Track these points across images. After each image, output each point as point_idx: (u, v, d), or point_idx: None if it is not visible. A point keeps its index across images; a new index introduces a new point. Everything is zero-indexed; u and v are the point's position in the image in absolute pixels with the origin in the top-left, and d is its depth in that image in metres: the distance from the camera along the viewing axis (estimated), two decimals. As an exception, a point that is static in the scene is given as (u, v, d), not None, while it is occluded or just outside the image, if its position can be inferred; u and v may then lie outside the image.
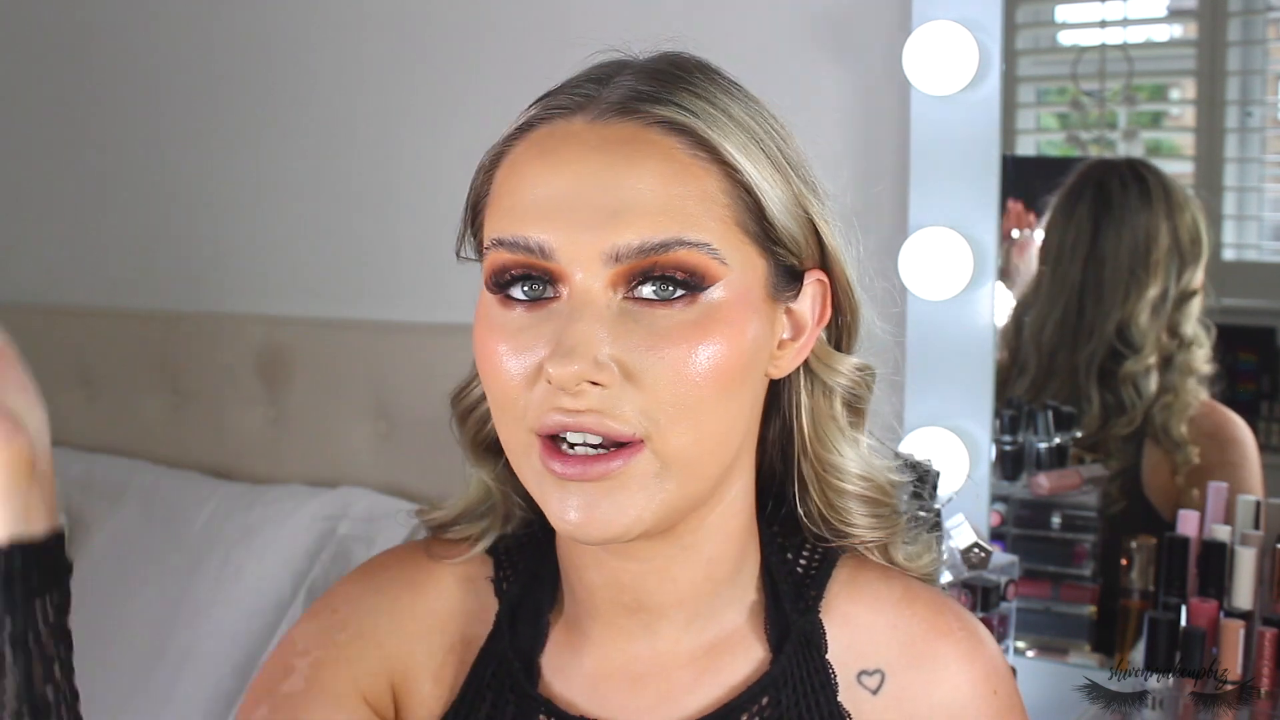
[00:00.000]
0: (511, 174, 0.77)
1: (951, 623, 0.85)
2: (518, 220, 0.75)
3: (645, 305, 0.74)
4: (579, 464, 0.73)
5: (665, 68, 0.80)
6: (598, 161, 0.74)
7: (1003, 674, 0.85)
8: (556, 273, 0.74)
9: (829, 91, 1.63)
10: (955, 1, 1.46)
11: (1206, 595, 1.33)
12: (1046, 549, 1.57)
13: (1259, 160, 1.50)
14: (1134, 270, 1.50)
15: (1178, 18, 1.58)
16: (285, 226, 2.09)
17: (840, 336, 0.87)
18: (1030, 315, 1.56)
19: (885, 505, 0.86)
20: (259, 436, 2.04)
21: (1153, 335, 1.50)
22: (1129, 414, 1.51)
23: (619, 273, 0.73)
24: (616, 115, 0.76)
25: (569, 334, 0.72)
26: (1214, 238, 1.51)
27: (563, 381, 0.71)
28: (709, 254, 0.74)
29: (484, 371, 0.77)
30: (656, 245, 0.73)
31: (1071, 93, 1.55)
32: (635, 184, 0.74)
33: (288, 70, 2.07)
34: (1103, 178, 1.52)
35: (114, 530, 1.96)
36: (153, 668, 1.77)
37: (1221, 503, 1.39)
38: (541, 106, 0.79)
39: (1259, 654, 1.29)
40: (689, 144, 0.76)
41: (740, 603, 0.85)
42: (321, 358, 1.97)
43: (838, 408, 0.86)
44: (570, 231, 0.73)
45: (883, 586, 0.86)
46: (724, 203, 0.76)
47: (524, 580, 0.89)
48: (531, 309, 0.75)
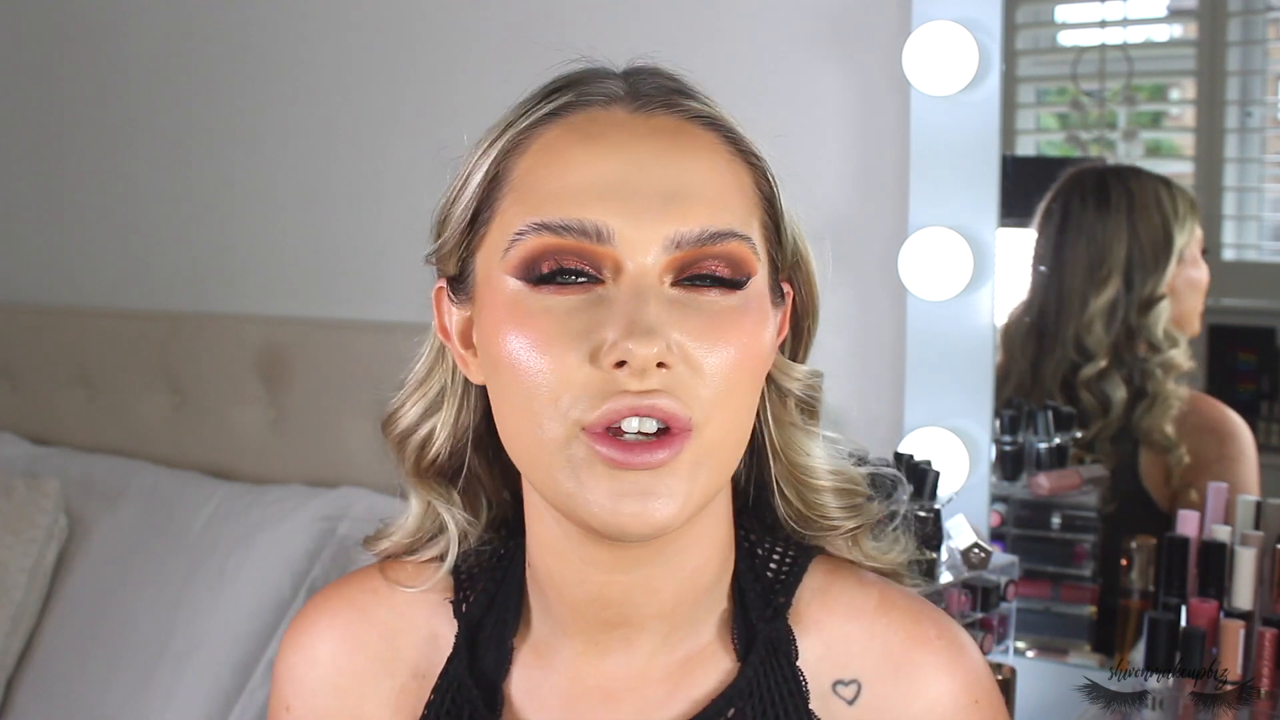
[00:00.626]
0: (549, 158, 0.75)
1: (929, 631, 0.82)
2: (569, 203, 0.73)
3: (695, 292, 0.73)
4: (643, 450, 0.71)
5: (667, 72, 0.80)
6: (650, 148, 0.74)
7: (985, 683, 0.83)
8: (609, 259, 0.72)
9: (829, 91, 1.63)
10: (955, 1, 1.46)
11: (1206, 595, 1.33)
12: (1046, 549, 1.57)
13: (1259, 160, 1.50)
14: (1086, 282, 1.51)
15: (1178, 18, 1.58)
16: (285, 226, 2.09)
17: (799, 345, 0.86)
18: (1016, 321, 1.57)
19: (857, 495, 0.85)
20: (259, 436, 2.04)
21: (1107, 343, 1.50)
22: (1101, 419, 1.52)
23: (675, 259, 0.73)
24: (659, 106, 0.76)
25: (643, 314, 0.70)
26: (1214, 238, 1.51)
27: (645, 361, 0.70)
28: (751, 248, 0.75)
29: (521, 365, 0.73)
30: (715, 234, 0.73)
31: (1071, 93, 1.55)
32: (688, 172, 0.74)
33: (287, 71, 2.07)
34: (1070, 190, 1.53)
35: (114, 530, 1.96)
36: (153, 668, 1.77)
37: (1221, 503, 1.39)
38: (575, 94, 0.77)
39: (1259, 654, 1.28)
40: (727, 141, 0.77)
41: (713, 613, 0.83)
42: (321, 358, 1.97)
43: (794, 412, 0.85)
44: (630, 216, 0.72)
45: (859, 593, 0.84)
46: (755, 200, 0.77)
47: (484, 602, 0.86)
48: (575, 292, 0.73)
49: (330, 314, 2.03)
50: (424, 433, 0.86)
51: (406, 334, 0.91)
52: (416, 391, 0.88)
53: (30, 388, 2.29)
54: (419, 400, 0.87)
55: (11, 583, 1.90)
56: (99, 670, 1.83)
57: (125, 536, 1.94)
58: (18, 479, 1.98)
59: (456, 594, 0.87)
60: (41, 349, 2.27)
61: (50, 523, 1.95)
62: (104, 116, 2.26)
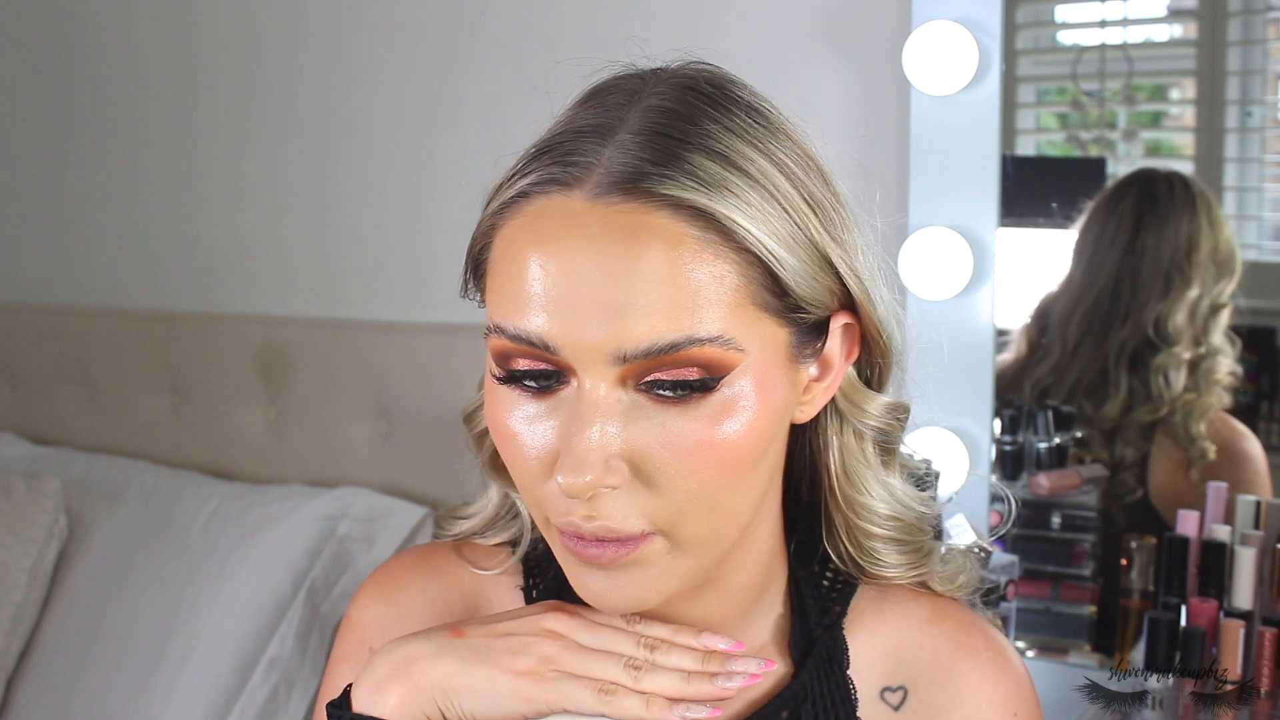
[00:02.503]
0: (509, 253, 0.72)
1: (979, 641, 0.84)
2: (519, 311, 0.71)
3: (658, 402, 0.70)
4: (598, 546, 0.72)
5: (676, 119, 0.72)
6: (600, 251, 0.69)
7: (1026, 697, 0.85)
8: (564, 365, 0.71)
9: (829, 91, 1.63)
10: (955, 1, 1.46)
11: (1206, 595, 1.33)
12: (1046, 549, 1.57)
13: (1259, 160, 1.50)
14: (1173, 268, 1.52)
15: (1178, 18, 1.58)
16: (285, 226, 2.09)
17: (871, 375, 0.83)
18: (1057, 307, 1.58)
19: (915, 544, 0.84)
20: (259, 436, 2.04)
21: (1188, 334, 1.51)
22: (1154, 403, 1.52)
23: (627, 371, 0.70)
24: (620, 195, 0.69)
25: (577, 442, 0.70)
26: (1214, 238, 1.52)
27: (574, 492, 0.70)
28: (722, 346, 0.69)
29: (501, 449, 0.76)
30: (665, 346, 0.68)
31: (1071, 93, 1.55)
32: (640, 280, 0.68)
33: (287, 71, 2.07)
34: (1148, 180, 1.54)
35: (114, 530, 1.96)
36: (153, 667, 1.77)
37: (1221, 503, 1.39)
38: (537, 175, 0.72)
39: (1259, 654, 1.28)
40: (700, 226, 0.69)
41: (767, 618, 0.85)
42: (321, 358, 1.97)
43: (868, 449, 0.83)
44: (573, 330, 0.69)
45: (911, 604, 0.86)
46: (737, 284, 0.70)
47: (554, 589, 0.87)
48: (540, 397, 0.73)
49: (331, 314, 2.03)
50: None
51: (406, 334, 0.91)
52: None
53: (30, 388, 2.29)
54: None
55: (11, 583, 1.89)
56: (99, 670, 1.83)
57: (125, 536, 1.94)
58: (18, 479, 1.98)
59: (526, 580, 0.89)
60: (42, 349, 2.27)
61: (50, 523, 1.95)
62: (104, 116, 2.26)
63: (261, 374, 2.02)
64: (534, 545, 0.89)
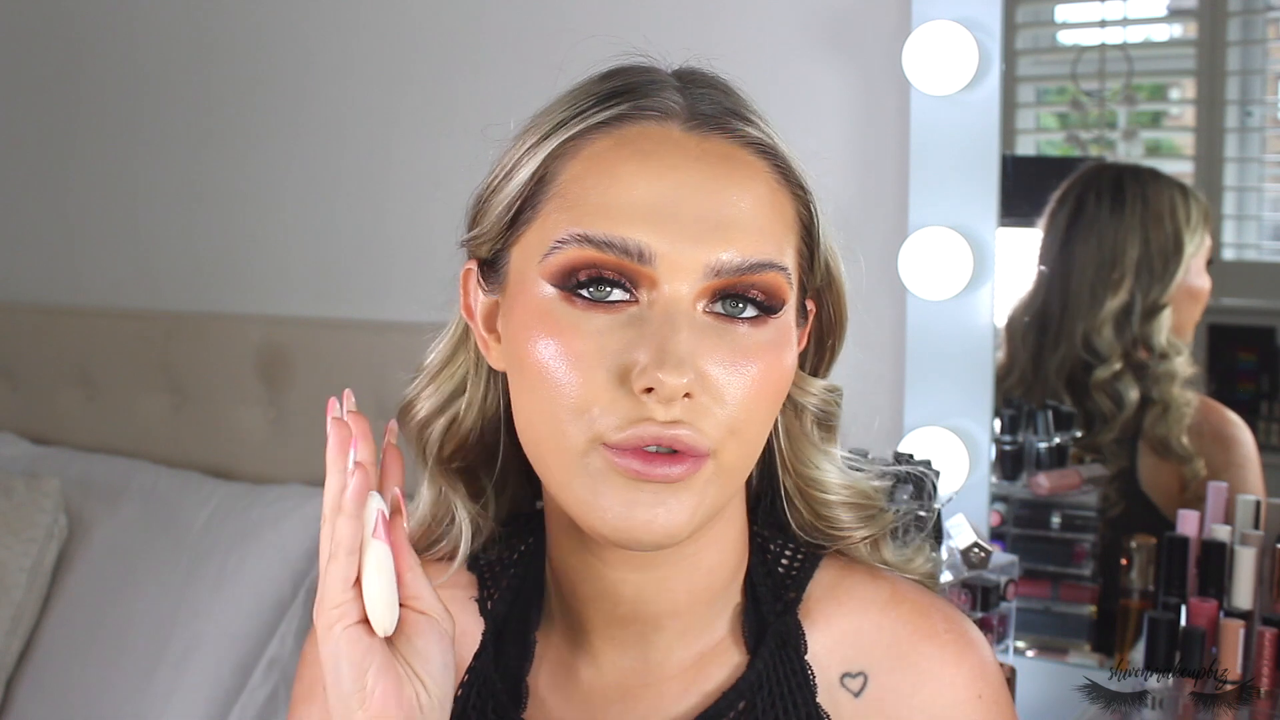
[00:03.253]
0: (598, 169, 0.75)
1: (938, 624, 0.83)
2: (614, 219, 0.73)
3: (725, 321, 0.74)
4: (663, 462, 0.72)
5: (728, 88, 0.80)
6: (701, 172, 0.74)
7: (991, 678, 0.82)
8: (646, 278, 0.73)
9: (829, 91, 1.63)
10: (955, 1, 1.46)
11: (1206, 595, 1.33)
12: (1046, 549, 1.57)
13: (1259, 160, 1.50)
14: (1096, 282, 1.50)
15: (1178, 18, 1.58)
16: (285, 226, 2.09)
17: (823, 358, 0.87)
18: (1018, 316, 1.56)
19: (871, 507, 0.86)
20: (259, 436, 2.04)
21: (1120, 346, 1.50)
22: (1111, 422, 1.52)
23: (712, 286, 0.73)
24: (713, 128, 0.76)
25: (675, 343, 0.71)
26: (1214, 238, 1.51)
27: (673, 392, 0.70)
28: (786, 278, 0.76)
29: (545, 373, 0.73)
30: (755, 265, 0.74)
31: (1071, 92, 1.55)
32: (738, 201, 0.74)
33: (287, 70, 2.07)
34: (1085, 187, 1.52)
35: (114, 530, 1.96)
36: (153, 667, 1.77)
37: (1221, 503, 1.39)
38: (630, 105, 0.77)
39: (1259, 654, 1.28)
40: (775, 170, 0.77)
41: (727, 608, 0.84)
42: (322, 358, 1.97)
43: (809, 426, 0.86)
44: (674, 240, 0.72)
45: (869, 588, 0.85)
46: (795, 229, 0.78)
47: (509, 598, 0.87)
48: (607, 310, 0.73)
49: (331, 314, 2.03)
50: (446, 419, 0.86)
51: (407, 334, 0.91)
52: (437, 378, 0.87)
53: (30, 388, 2.29)
54: (439, 386, 0.87)
55: (11, 583, 1.90)
56: (99, 670, 1.83)
57: (125, 536, 1.94)
58: (18, 479, 1.98)
59: (481, 591, 0.88)
60: (42, 349, 2.27)
61: (50, 523, 1.95)
62: (105, 117, 2.26)
63: (261, 374, 2.03)
64: (484, 552, 0.88)
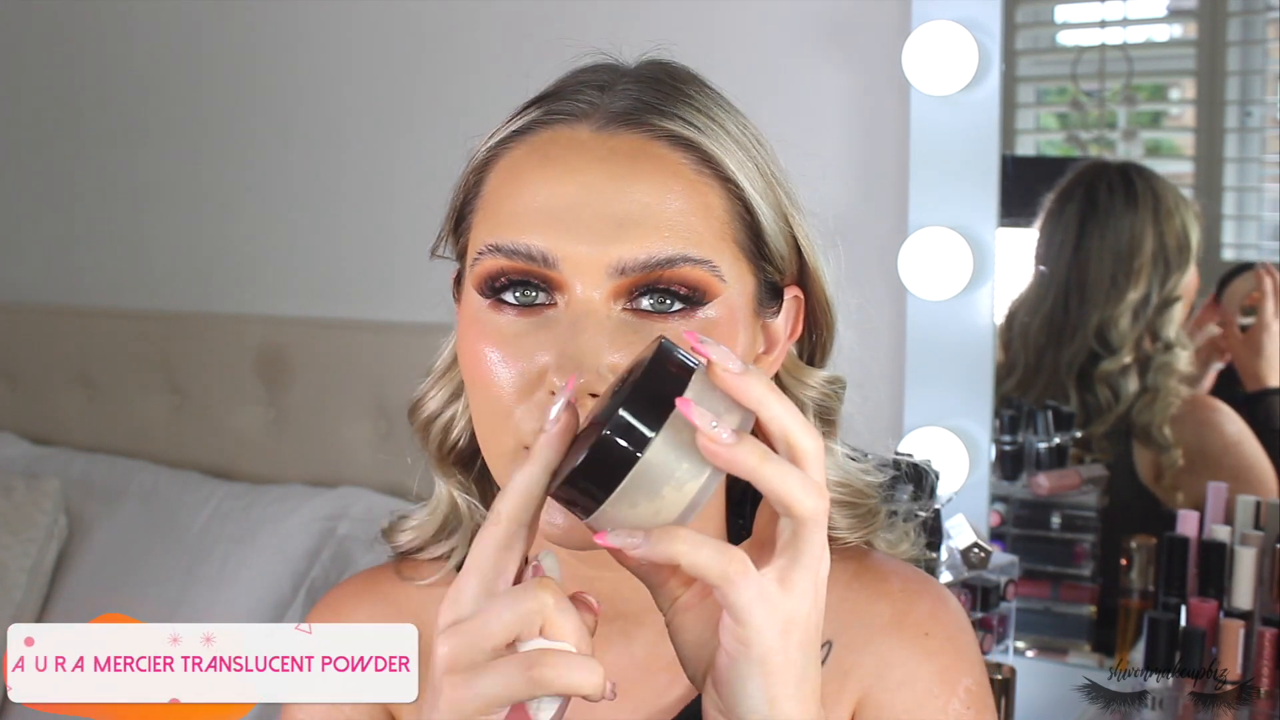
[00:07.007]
0: (510, 178, 0.76)
1: (894, 585, 0.84)
2: (519, 226, 0.74)
3: (644, 317, 0.73)
4: None
5: (663, 78, 0.79)
6: (604, 171, 0.74)
7: (944, 618, 0.83)
8: (556, 281, 0.73)
9: (829, 92, 1.63)
10: (955, 1, 1.47)
11: (1206, 595, 1.33)
12: (1046, 549, 1.57)
13: (1259, 160, 1.50)
14: (1116, 273, 1.51)
15: (1178, 18, 1.58)
16: (285, 226, 2.09)
17: (814, 351, 0.86)
18: (1021, 315, 1.57)
19: (863, 506, 0.86)
20: (259, 436, 2.04)
21: (1132, 338, 1.50)
22: (1104, 415, 1.52)
23: (621, 285, 0.73)
24: (623, 126, 0.76)
25: (575, 344, 0.71)
26: (1214, 238, 1.51)
27: (573, 394, 0.70)
28: (710, 271, 0.74)
29: (475, 378, 0.76)
30: (662, 261, 0.72)
31: (1071, 93, 1.55)
32: (641, 197, 0.73)
33: (290, 72, 2.07)
34: (1093, 180, 1.53)
35: (114, 530, 1.96)
36: (153, 668, 1.77)
37: (1221, 503, 1.39)
38: (543, 110, 0.78)
39: (1259, 654, 1.29)
40: (693, 159, 0.76)
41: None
42: (321, 358, 1.97)
43: (809, 419, 0.84)
44: (575, 242, 0.72)
45: (838, 565, 0.83)
46: (724, 219, 0.76)
47: None
48: (525, 314, 0.74)
49: (331, 314, 2.03)
50: (446, 418, 0.87)
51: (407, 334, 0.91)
52: (442, 378, 0.89)
53: (30, 388, 2.29)
54: (443, 386, 0.88)
55: (11, 583, 1.89)
56: (99, 670, 1.83)
57: (125, 536, 1.94)
58: (18, 479, 1.98)
59: None
60: (42, 349, 2.27)
61: (50, 523, 1.95)
62: (105, 117, 2.26)
63: (261, 374, 2.03)
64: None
